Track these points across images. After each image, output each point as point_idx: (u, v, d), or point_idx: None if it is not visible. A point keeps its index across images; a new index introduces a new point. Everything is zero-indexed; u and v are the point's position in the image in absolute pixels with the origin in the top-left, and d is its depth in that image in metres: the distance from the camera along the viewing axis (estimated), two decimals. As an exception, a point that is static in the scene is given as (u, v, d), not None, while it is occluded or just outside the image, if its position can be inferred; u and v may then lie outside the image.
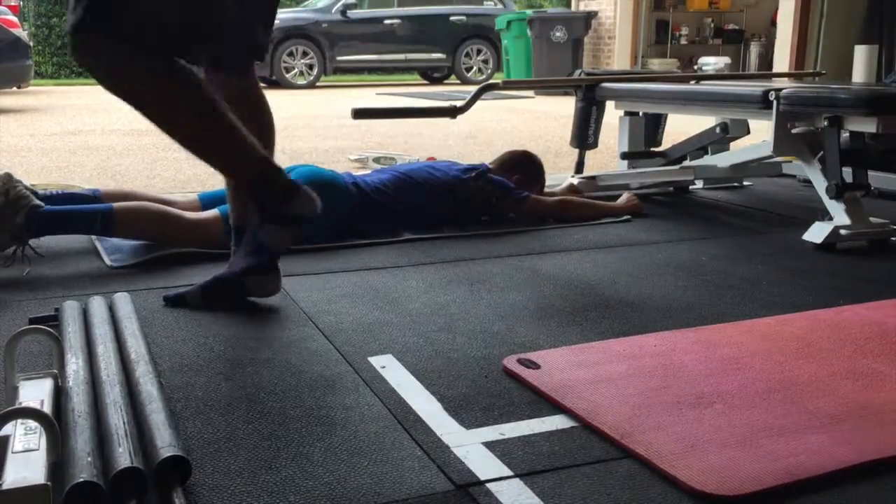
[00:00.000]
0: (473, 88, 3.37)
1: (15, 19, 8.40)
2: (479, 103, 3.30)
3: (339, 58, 12.48)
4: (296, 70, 12.23)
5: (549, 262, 2.45)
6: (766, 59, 11.39)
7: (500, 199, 2.90)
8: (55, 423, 1.10)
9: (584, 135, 3.55)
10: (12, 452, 1.10)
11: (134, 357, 1.51)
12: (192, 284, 2.06)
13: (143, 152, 5.15)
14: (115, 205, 2.41)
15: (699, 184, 3.70)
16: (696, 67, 11.22)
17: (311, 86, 12.28)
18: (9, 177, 2.36)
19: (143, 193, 2.68)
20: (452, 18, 13.08)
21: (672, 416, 1.40)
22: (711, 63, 11.04)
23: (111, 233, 2.41)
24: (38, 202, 2.33)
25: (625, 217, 3.05)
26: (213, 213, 2.50)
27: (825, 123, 2.66)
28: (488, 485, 1.20)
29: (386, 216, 2.73)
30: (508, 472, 1.24)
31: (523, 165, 3.14)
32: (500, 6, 13.35)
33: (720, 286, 2.21)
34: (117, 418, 1.24)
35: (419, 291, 2.14)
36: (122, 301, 1.87)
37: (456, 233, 2.76)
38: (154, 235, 2.45)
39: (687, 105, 3.23)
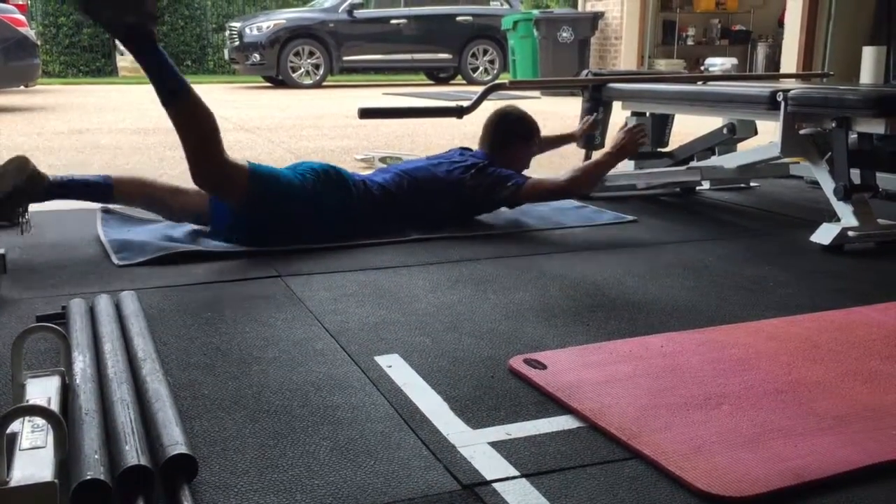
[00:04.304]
0: (480, 89, 3.38)
1: (22, 18, 8.41)
2: (485, 103, 3.30)
3: (346, 58, 12.48)
4: (302, 70, 12.24)
5: (555, 262, 2.45)
6: (774, 60, 11.36)
7: (499, 191, 2.82)
8: (62, 421, 1.10)
9: (591, 135, 3.55)
10: (20, 450, 1.10)
11: (141, 355, 1.51)
12: (198, 283, 2.06)
13: (150, 151, 5.15)
14: (114, 175, 2.65)
15: (706, 184, 3.69)
16: (702, 68, 11.19)
17: (318, 85, 12.29)
18: (25, 161, 2.55)
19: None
20: (459, 18, 13.07)
21: (679, 417, 1.40)
22: (718, 64, 11.01)
23: (111, 199, 2.64)
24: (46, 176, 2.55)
25: (630, 218, 3.04)
26: None
27: (833, 124, 2.65)
28: (494, 485, 1.20)
29: (390, 216, 2.73)
30: (515, 472, 1.23)
31: (510, 133, 3.01)
32: (506, 6, 13.33)
33: (727, 287, 2.21)
34: (124, 416, 1.24)
35: (425, 291, 2.14)
36: (129, 299, 1.87)
37: (462, 233, 2.76)
38: (149, 197, 2.64)
39: (694, 105, 3.22)
